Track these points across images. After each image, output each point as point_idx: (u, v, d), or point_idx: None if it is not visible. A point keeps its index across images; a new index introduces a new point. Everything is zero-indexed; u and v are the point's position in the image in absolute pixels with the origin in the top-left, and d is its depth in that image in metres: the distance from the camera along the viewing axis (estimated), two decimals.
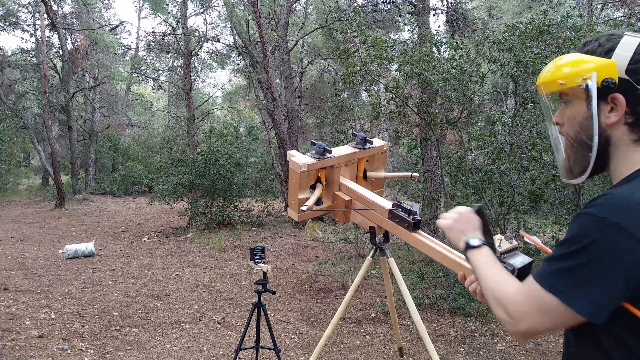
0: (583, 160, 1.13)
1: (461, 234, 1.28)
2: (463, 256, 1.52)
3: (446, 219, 1.33)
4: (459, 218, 1.31)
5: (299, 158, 2.58)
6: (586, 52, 1.12)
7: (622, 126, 1.07)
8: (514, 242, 1.44)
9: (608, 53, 1.07)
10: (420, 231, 2.11)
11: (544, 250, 1.35)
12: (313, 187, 2.64)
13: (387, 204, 2.36)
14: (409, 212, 2.14)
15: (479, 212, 1.34)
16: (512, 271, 1.38)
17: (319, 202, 2.63)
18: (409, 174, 3.11)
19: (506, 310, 1.07)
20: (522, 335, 1.06)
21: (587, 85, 1.08)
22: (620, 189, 1.02)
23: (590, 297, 0.95)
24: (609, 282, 0.94)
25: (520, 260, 1.43)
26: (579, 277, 0.96)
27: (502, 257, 1.41)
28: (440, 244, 1.99)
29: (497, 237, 1.45)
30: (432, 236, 2.10)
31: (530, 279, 1.05)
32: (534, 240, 1.43)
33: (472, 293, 1.40)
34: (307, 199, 2.58)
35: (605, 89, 1.05)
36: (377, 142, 2.92)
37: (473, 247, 1.22)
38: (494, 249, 1.34)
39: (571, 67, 1.10)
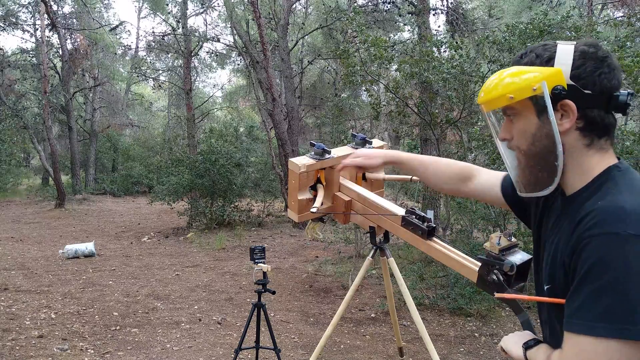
0: (545, 170, 1.10)
1: (519, 343, 1.23)
2: (479, 263, 1.52)
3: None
4: (514, 335, 1.28)
5: (298, 159, 2.58)
6: (525, 64, 1.11)
7: (574, 132, 1.07)
8: (513, 239, 1.43)
9: (549, 62, 1.07)
10: (435, 239, 2.09)
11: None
12: (312, 188, 2.64)
13: (399, 210, 2.35)
14: (423, 218, 2.12)
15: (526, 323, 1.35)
16: (511, 268, 1.38)
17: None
18: (409, 177, 3.07)
19: None
20: None
21: (538, 96, 1.07)
22: (605, 199, 1.00)
23: None
24: None
25: (519, 257, 1.42)
26: (627, 307, 0.90)
27: (501, 254, 1.41)
28: (456, 252, 1.97)
29: (496, 235, 1.45)
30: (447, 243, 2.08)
31: (570, 337, 0.98)
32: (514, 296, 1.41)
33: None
34: (307, 199, 2.58)
35: (556, 97, 1.05)
36: (376, 142, 2.92)
37: (531, 347, 1.18)
38: (529, 325, 1.33)
39: (519, 80, 1.08)
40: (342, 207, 2.61)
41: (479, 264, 1.49)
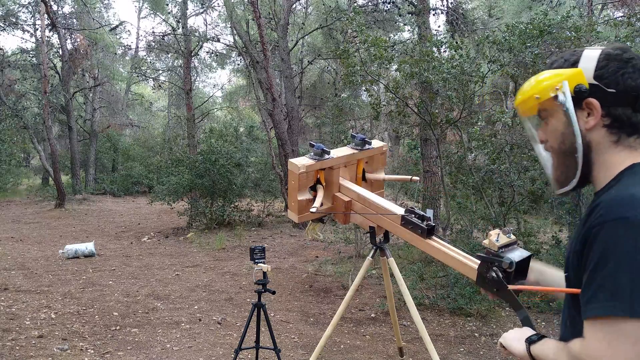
0: (571, 165, 1.16)
1: (521, 339, 1.24)
2: (478, 261, 1.51)
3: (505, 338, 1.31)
4: (514, 331, 1.30)
5: (297, 160, 2.59)
6: (554, 69, 1.18)
7: (601, 129, 1.12)
8: (512, 237, 1.43)
9: (574, 65, 1.15)
10: (434, 237, 2.09)
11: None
12: (312, 189, 2.64)
13: (398, 209, 2.35)
14: (422, 217, 2.13)
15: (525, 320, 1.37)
16: (510, 265, 1.37)
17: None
18: (409, 177, 3.07)
19: None
20: None
21: (560, 95, 1.14)
22: (618, 189, 1.04)
23: None
24: None
25: (518, 254, 1.41)
26: (635, 284, 0.93)
27: (500, 251, 1.40)
28: (456, 250, 1.97)
29: (495, 232, 1.44)
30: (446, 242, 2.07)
31: (588, 324, 0.99)
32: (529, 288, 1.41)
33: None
34: (307, 200, 2.58)
35: (579, 95, 1.11)
36: (376, 143, 2.92)
37: (535, 342, 1.19)
38: (529, 321, 1.34)
39: (544, 82, 1.16)
40: (342, 207, 2.61)
41: (478, 261, 1.49)
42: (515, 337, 1.25)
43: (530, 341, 1.19)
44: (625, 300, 0.92)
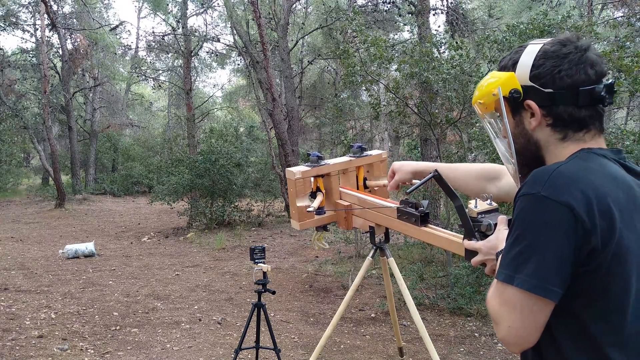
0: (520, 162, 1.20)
1: (496, 248, 1.29)
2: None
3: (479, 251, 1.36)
4: (485, 243, 1.34)
5: (294, 168, 2.65)
6: (501, 68, 1.19)
7: (545, 128, 1.12)
8: (494, 204, 1.42)
9: (514, 66, 1.15)
10: (430, 225, 2.09)
11: None
12: (313, 196, 2.69)
13: (395, 204, 2.36)
14: (416, 206, 2.13)
15: (438, 177, 1.45)
16: (488, 227, 1.37)
17: (322, 211, 2.66)
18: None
19: (490, 316, 1.08)
20: (507, 342, 1.03)
21: (497, 100, 1.16)
22: (549, 165, 1.08)
23: (535, 273, 0.98)
24: (551, 252, 0.97)
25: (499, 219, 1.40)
26: (524, 257, 0.99)
27: (479, 216, 1.40)
28: (445, 231, 1.98)
29: (474, 199, 1.44)
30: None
31: (495, 281, 1.07)
32: None
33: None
34: (307, 207, 2.62)
35: (514, 99, 1.12)
36: (375, 151, 2.96)
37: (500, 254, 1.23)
38: (463, 211, 1.40)
39: (485, 87, 1.19)
40: (343, 212, 2.66)
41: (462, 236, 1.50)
42: (489, 247, 1.32)
43: (498, 254, 1.24)
44: (510, 270, 1.01)
